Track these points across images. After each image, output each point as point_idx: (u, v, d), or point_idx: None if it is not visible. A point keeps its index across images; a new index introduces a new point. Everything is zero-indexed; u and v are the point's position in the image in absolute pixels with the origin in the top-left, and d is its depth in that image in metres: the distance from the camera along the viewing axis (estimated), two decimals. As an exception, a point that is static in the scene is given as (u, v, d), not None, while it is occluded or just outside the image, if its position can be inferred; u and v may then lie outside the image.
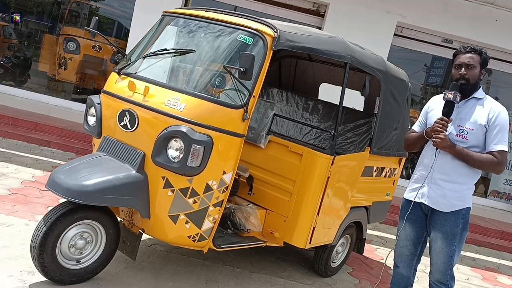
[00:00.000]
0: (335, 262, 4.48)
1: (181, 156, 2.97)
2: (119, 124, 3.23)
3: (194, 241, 3.21)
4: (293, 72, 5.53)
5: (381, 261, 5.31)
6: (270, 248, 3.82)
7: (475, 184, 3.09)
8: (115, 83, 3.41)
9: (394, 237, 6.53)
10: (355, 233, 4.56)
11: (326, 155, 3.70)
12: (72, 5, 8.82)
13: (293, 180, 3.78)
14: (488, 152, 2.96)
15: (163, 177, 3.06)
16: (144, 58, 3.45)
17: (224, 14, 3.47)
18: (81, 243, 3.06)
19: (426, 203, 3.09)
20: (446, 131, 2.97)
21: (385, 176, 4.62)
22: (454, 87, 2.97)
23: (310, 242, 3.83)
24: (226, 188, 3.19)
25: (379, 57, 4.21)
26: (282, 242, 3.84)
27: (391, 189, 4.87)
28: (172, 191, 3.06)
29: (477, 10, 7.95)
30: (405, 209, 3.21)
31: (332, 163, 3.73)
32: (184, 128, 2.98)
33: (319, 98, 5.41)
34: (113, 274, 3.39)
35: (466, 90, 3.02)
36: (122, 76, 3.41)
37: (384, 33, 7.89)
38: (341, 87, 3.79)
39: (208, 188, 3.11)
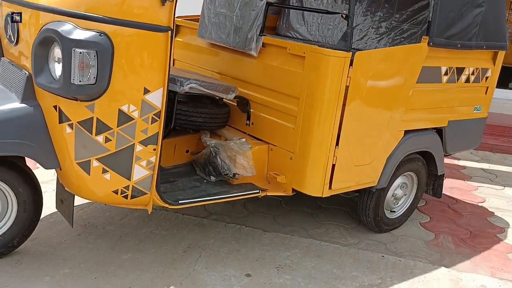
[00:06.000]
0: (394, 212, 3.14)
1: (62, 69, 1.90)
2: (6, 36, 2.26)
3: (125, 197, 2.17)
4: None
5: (480, 204, 3.77)
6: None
7: None
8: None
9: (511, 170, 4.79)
10: (424, 169, 3.13)
11: (337, 51, 2.34)
12: None
13: (297, 98, 2.51)
14: None
15: (54, 107, 2.03)
16: None
17: None
18: None
19: None
20: None
21: (466, 81, 3.06)
22: None
23: (330, 188, 2.57)
24: (157, 114, 2.07)
25: None
26: (290, 189, 2.63)
27: (482, 101, 3.28)
28: (70, 126, 2.03)
29: None
30: None
31: (351, 64, 2.36)
32: (60, 25, 1.89)
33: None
34: (51, 245, 2.53)
35: None
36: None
37: None
38: None
39: (124, 118, 2.02)
